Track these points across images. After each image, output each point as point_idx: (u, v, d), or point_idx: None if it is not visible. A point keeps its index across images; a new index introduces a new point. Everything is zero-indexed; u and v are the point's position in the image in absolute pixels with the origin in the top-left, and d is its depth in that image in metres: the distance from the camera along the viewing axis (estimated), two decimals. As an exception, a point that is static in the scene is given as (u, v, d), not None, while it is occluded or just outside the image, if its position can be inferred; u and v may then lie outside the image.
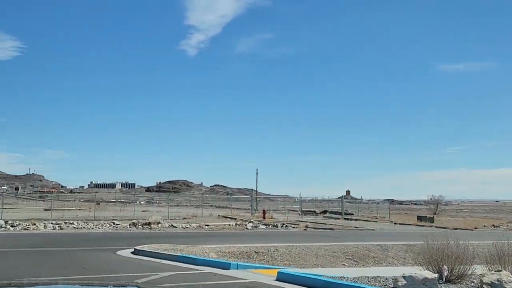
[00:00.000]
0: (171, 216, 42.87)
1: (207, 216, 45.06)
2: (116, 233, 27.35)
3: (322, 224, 38.65)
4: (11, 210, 51.80)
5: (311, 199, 69.69)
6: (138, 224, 32.57)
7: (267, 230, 33.26)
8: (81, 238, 22.54)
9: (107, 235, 25.45)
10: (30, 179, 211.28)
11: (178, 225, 33.40)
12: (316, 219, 45.13)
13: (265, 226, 36.15)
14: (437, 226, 39.74)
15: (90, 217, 39.87)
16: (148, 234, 26.96)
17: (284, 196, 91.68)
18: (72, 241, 21.06)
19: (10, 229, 27.51)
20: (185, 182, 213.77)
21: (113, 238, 22.82)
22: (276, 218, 43.79)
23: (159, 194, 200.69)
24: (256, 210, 48.28)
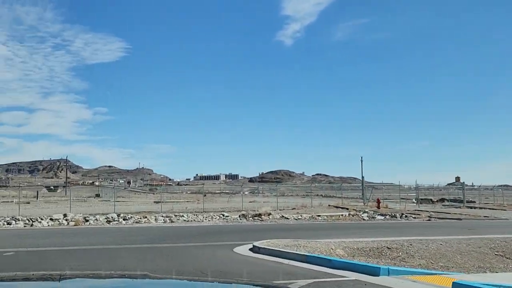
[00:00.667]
0: (280, 207, 40.98)
1: (317, 206, 42.71)
2: (227, 225, 25.78)
3: (445, 213, 34.94)
4: (123, 203, 52.61)
5: (428, 187, 65.11)
6: (248, 216, 30.96)
7: (386, 221, 30.34)
8: (193, 232, 21.07)
9: (218, 228, 23.91)
10: (140, 173, 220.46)
11: (290, 216, 31.36)
12: (435, 208, 41.32)
13: (383, 216, 33.18)
14: None
15: (199, 209, 38.93)
16: (260, 226, 25.12)
17: (388, 184, 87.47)
18: (185, 235, 19.59)
19: (122, 223, 26.80)
20: (287, 172, 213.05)
21: (225, 232, 21.16)
22: (391, 207, 40.54)
23: (261, 184, 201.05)
24: (368, 200, 45.19)
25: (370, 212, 35.36)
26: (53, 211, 37.55)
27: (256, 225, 26.24)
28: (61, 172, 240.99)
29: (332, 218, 31.15)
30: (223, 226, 25.48)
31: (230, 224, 26.61)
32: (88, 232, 21.11)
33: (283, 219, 30.11)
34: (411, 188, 65.37)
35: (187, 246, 15.74)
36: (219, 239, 17.98)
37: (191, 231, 21.87)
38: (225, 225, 25.90)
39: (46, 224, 25.91)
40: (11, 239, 17.61)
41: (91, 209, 40.20)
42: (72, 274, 5.32)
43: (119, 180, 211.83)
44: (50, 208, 45.53)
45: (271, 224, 26.55)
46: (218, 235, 19.76)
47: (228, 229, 23.18)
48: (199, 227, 24.33)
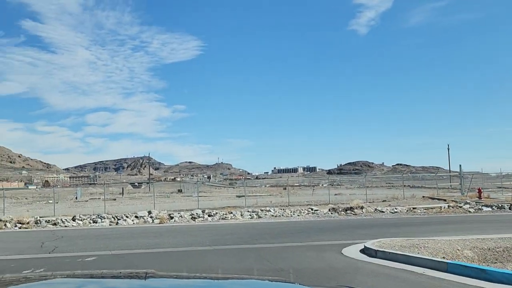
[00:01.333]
0: (369, 199, 38.15)
1: (409, 198, 39.47)
2: (320, 221, 23.50)
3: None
4: (206, 198, 51.58)
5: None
6: (338, 209, 28.53)
7: (494, 213, 26.91)
8: (286, 229, 18.95)
9: (311, 224, 21.66)
10: (219, 167, 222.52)
11: (384, 208, 28.58)
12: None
13: (489, 208, 29.69)
14: None
15: (284, 203, 36.88)
16: (356, 221, 22.66)
17: (475, 173, 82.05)
18: (278, 233, 17.52)
19: (208, 219, 25.16)
20: (366, 163, 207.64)
21: (321, 229, 18.90)
22: (493, 197, 36.65)
23: (340, 176, 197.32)
24: (468, 189, 41.23)
25: (472, 203, 31.88)
26: (137, 208, 36.78)
27: (351, 220, 23.78)
28: (144, 169, 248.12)
29: (432, 211, 28.04)
30: (316, 221, 23.21)
31: (323, 219, 24.30)
32: (173, 231, 19.51)
33: (378, 213, 27.42)
34: (499, 176, 60.15)
35: (285, 247, 13.62)
36: (318, 237, 15.76)
37: (283, 228, 19.77)
38: (318, 220, 23.64)
39: (131, 222, 24.73)
40: (95, 241, 16.22)
41: (174, 205, 39.17)
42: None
43: (199, 175, 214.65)
44: (134, 204, 45.13)
45: (367, 219, 24.00)
46: (315, 232, 17.54)
47: (323, 225, 20.91)
48: (290, 223, 22.21)
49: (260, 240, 15.35)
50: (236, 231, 18.76)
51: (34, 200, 71.67)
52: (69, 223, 24.46)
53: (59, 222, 24.58)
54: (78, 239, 16.76)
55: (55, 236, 18.30)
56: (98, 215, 26.67)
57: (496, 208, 29.24)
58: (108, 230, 20.88)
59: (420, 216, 25.09)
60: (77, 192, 75.43)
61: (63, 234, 18.92)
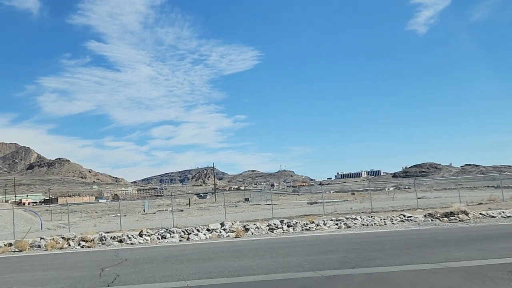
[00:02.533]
0: (462, 202, 33.39)
1: (510, 199, 34.37)
2: (425, 230, 19.31)
3: None
4: (276, 206, 47.91)
5: None
6: (436, 215, 24.30)
7: None
8: (393, 243, 14.95)
9: (419, 234, 17.53)
10: (282, 175, 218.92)
11: (492, 213, 24.00)
12: None
13: None
14: None
15: (366, 209, 32.78)
16: (472, 230, 18.37)
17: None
18: (387, 248, 13.55)
19: (289, 231, 21.52)
20: (432, 165, 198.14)
21: (441, 242, 14.83)
22: None
23: (406, 179, 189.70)
24: None
25: None
26: (207, 219, 33.68)
27: (464, 228, 19.47)
28: (209, 179, 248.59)
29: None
30: (421, 231, 19.02)
31: (427, 228, 20.09)
32: (256, 247, 15.92)
33: (488, 218, 22.91)
34: None
35: (420, 272, 9.68)
36: (451, 254, 11.72)
37: (387, 240, 15.79)
38: (422, 230, 19.43)
39: (203, 237, 21.44)
40: (165, 266, 12.84)
41: (245, 215, 35.85)
42: None
43: (263, 183, 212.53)
44: (203, 215, 42.18)
45: (483, 226, 19.62)
46: (437, 246, 13.49)
47: (435, 235, 16.82)
48: (390, 234, 18.16)
49: (375, 260, 11.49)
50: (333, 246, 14.97)
51: (104, 213, 70.55)
52: (135, 239, 21.44)
53: (125, 238, 21.62)
54: (144, 263, 13.45)
55: (118, 258, 15.13)
56: (167, 229, 23.58)
57: None
58: (179, 248, 17.56)
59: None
60: (144, 205, 73.92)
61: (127, 256, 15.72)
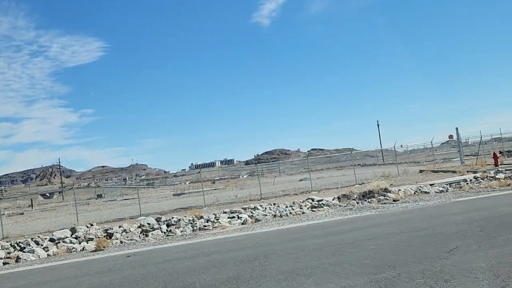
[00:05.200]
0: (357, 180, 29.06)
1: (403, 173, 30.76)
2: (385, 217, 13.50)
3: None
4: (139, 201, 39.81)
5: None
6: (351, 197, 19.04)
7: None
8: (355, 242, 8.77)
9: (366, 228, 11.55)
10: (134, 169, 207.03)
11: (429, 189, 19.32)
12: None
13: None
14: None
15: (253, 197, 26.84)
16: (415, 215, 12.95)
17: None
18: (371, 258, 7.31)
19: (176, 234, 14.43)
20: (282, 151, 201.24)
21: (423, 237, 8.95)
22: (509, 163, 28.80)
23: (259, 165, 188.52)
24: (477, 158, 33.18)
25: (505, 172, 23.65)
26: (53, 223, 25.09)
27: (400, 212, 14.06)
28: (55, 178, 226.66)
29: (481, 187, 19.19)
30: (359, 219, 13.17)
31: (377, 214, 14.34)
32: (143, 275, 8.65)
33: (423, 194, 18.10)
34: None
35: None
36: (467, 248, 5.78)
37: (338, 236, 9.59)
38: (383, 216, 13.61)
39: (43, 253, 13.54)
40: None
41: (103, 214, 27.81)
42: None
43: (114, 178, 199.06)
44: (48, 218, 32.79)
45: (419, 207, 14.42)
46: (441, 248, 7.59)
47: (388, 229, 11.00)
48: (327, 228, 12.04)
49: None
50: (268, 260, 8.33)
51: None
52: None
53: None
54: None
55: None
56: (-13, 246, 15.06)
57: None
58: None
59: (496, 195, 15.92)
60: (-27, 210, 60.31)
61: None
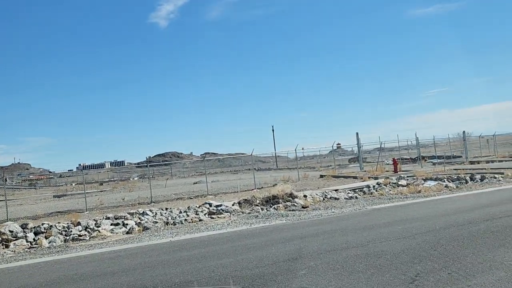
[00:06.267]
0: (257, 183, 27.13)
1: (304, 178, 29.26)
2: (272, 230, 11.29)
3: (501, 169, 23.36)
4: (10, 203, 34.76)
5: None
6: (254, 202, 16.92)
7: (470, 189, 17.77)
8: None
9: (293, 239, 9.34)
10: (16, 168, 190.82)
11: (338, 195, 17.60)
12: (447, 168, 29.71)
13: (433, 180, 21.03)
14: None
15: (142, 199, 23.86)
16: (339, 226, 11.05)
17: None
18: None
19: (43, 244, 11.23)
20: (175, 154, 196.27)
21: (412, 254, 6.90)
22: (405, 170, 28.33)
23: (151, 168, 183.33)
24: (378, 164, 32.46)
25: (407, 178, 22.94)
26: None
27: (327, 220, 12.09)
28: None
29: (393, 194, 17.96)
30: (292, 227, 10.94)
31: (282, 224, 12.12)
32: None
33: (329, 201, 16.30)
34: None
35: None
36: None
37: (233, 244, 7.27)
38: (275, 227, 11.38)
39: None
40: None
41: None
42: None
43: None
44: None
45: (344, 217, 12.59)
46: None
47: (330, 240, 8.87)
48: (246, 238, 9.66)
49: None
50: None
51: None
52: None
53: None
54: None
55: None
56: None
57: (448, 180, 20.46)
58: None
59: (407, 203, 14.51)
60: None
61: None
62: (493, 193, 14.94)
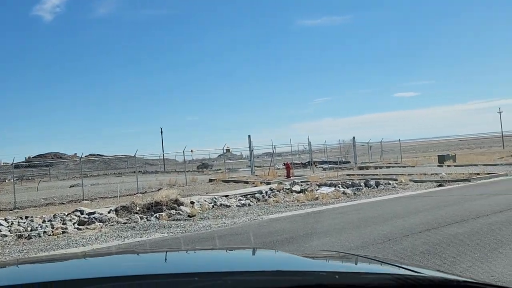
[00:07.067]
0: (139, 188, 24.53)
1: (192, 182, 27.05)
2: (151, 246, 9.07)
3: (390, 174, 23.03)
4: None
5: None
6: (133, 209, 14.52)
7: (368, 196, 16.86)
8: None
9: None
10: None
11: (229, 202, 15.60)
12: (339, 173, 29.13)
13: (328, 186, 19.93)
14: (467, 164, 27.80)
15: (6, 204, 20.36)
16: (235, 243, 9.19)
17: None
18: None
19: None
20: (57, 154, 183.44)
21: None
22: (297, 175, 27.20)
23: (30, 170, 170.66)
24: (257, 168, 30.89)
25: (300, 184, 21.64)
26: None
27: (219, 234, 10.05)
28: None
29: (289, 201, 16.46)
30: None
31: (163, 240, 9.83)
32: None
33: (220, 209, 14.27)
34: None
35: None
36: None
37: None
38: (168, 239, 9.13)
39: None
40: None
41: None
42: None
43: None
44: None
45: (239, 229, 10.68)
46: None
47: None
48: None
49: None
50: None
51: None
52: None
53: None
54: None
55: None
56: None
57: (337, 186, 19.50)
58: None
59: (320, 210, 12.97)
60: None
61: None
62: (394, 201, 13.94)
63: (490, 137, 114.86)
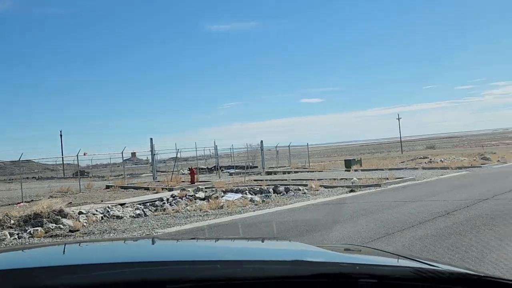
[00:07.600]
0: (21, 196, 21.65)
1: (87, 189, 24.35)
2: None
3: (301, 180, 22.08)
4: None
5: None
6: (6, 224, 12.11)
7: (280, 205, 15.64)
8: None
9: None
10: None
11: (121, 212, 13.55)
12: (247, 179, 27.80)
13: (234, 193, 18.62)
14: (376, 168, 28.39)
15: None
16: None
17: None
18: None
19: None
20: None
21: None
22: (204, 180, 25.45)
23: None
24: (174, 173, 28.45)
25: (205, 190, 20.01)
26: None
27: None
28: None
29: (191, 210, 14.78)
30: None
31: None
32: None
33: (110, 221, 12.21)
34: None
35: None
36: None
37: None
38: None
39: None
40: None
41: None
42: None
43: None
44: None
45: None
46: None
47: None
48: None
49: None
50: None
51: None
52: None
53: None
54: None
55: None
56: None
57: (244, 192, 18.19)
58: None
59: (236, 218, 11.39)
60: None
61: None
62: (306, 209, 12.72)
63: (389, 142, 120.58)
